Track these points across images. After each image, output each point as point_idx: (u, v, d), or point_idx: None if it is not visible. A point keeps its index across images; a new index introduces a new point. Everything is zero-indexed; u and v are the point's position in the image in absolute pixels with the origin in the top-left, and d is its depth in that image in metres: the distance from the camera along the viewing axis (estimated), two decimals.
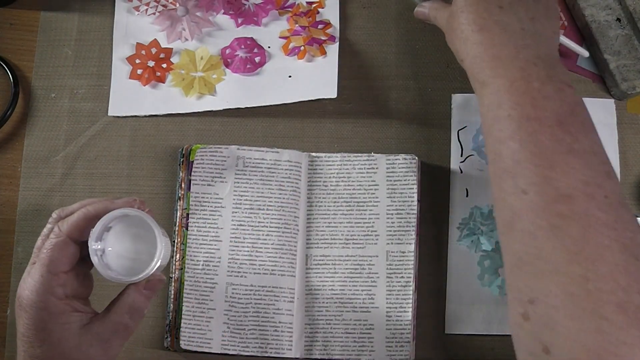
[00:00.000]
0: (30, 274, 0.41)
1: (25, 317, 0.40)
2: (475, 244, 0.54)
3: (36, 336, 0.40)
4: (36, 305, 0.40)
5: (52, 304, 0.40)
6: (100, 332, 0.42)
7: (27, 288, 0.40)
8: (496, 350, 0.53)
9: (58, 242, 0.41)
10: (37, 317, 0.40)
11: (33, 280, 0.40)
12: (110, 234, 0.43)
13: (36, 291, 0.40)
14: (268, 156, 0.55)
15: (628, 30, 0.56)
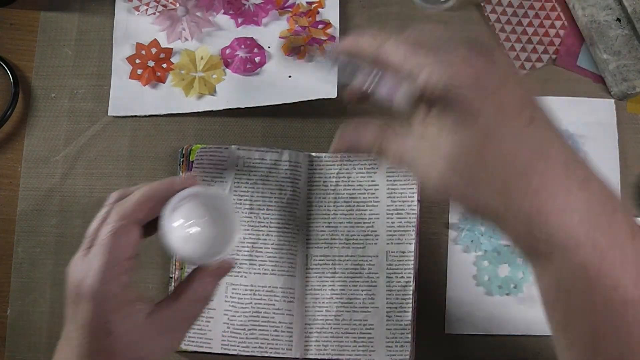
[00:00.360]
0: (89, 261, 0.36)
1: (88, 307, 0.36)
2: (475, 244, 0.54)
3: (101, 328, 0.36)
4: (102, 294, 0.36)
5: (118, 293, 0.36)
6: (167, 322, 0.38)
7: (90, 276, 0.36)
8: (496, 350, 0.53)
9: (121, 227, 0.37)
10: (102, 307, 0.36)
11: (96, 268, 0.36)
12: (180, 213, 0.39)
13: (100, 279, 0.36)
14: (268, 156, 0.55)
15: (628, 30, 0.56)
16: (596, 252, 0.29)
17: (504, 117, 0.31)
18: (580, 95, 0.57)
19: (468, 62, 0.31)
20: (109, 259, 0.36)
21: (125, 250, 0.37)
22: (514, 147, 0.30)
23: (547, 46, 0.58)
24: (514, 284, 0.53)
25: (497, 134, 0.30)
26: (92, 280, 0.36)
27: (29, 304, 0.55)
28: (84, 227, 0.56)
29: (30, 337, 0.54)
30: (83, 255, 0.37)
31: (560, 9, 0.58)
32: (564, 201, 0.30)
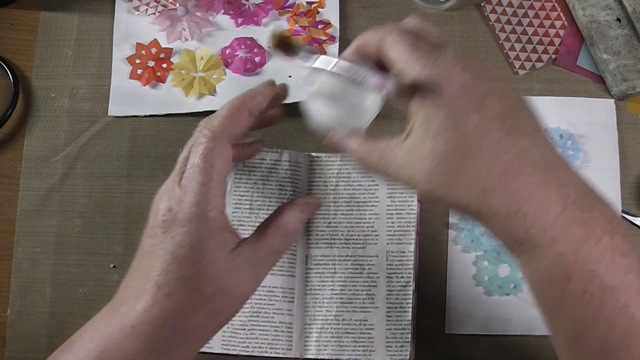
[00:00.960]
0: (184, 186, 0.35)
1: (182, 232, 0.34)
2: (475, 244, 0.54)
3: (191, 254, 0.35)
4: (198, 218, 0.35)
5: (213, 218, 0.35)
6: (252, 257, 0.37)
7: (187, 200, 0.35)
8: (496, 350, 0.53)
9: (214, 145, 0.36)
10: (196, 232, 0.34)
11: (193, 190, 0.35)
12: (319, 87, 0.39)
13: (197, 202, 0.35)
14: (268, 156, 0.55)
15: (628, 30, 0.56)
16: (571, 245, 0.31)
17: (488, 124, 0.33)
18: (580, 95, 0.57)
19: (460, 69, 0.33)
20: (205, 181, 0.35)
21: (220, 171, 0.36)
22: (497, 151, 0.33)
23: (547, 46, 0.58)
24: (513, 284, 0.53)
25: (482, 139, 0.33)
26: (189, 203, 0.35)
27: (29, 304, 0.55)
28: (84, 227, 0.56)
29: (30, 337, 0.54)
30: (175, 181, 0.36)
31: (560, 9, 0.58)
32: (542, 201, 0.32)
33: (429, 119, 0.34)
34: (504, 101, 0.34)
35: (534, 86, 0.57)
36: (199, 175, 0.35)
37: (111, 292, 0.55)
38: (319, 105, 0.40)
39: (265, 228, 0.38)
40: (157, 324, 0.34)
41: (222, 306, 0.36)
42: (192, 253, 0.35)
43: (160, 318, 0.34)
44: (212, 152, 0.36)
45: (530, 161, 0.33)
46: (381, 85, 0.36)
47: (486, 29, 0.59)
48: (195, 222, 0.35)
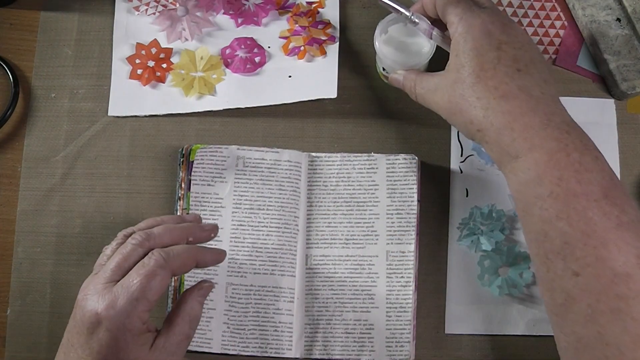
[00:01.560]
0: (116, 293, 0.39)
1: (106, 336, 0.38)
2: (475, 244, 0.54)
3: (114, 356, 0.39)
4: (123, 327, 0.38)
5: (137, 327, 0.39)
6: (167, 347, 0.41)
7: (114, 309, 0.38)
8: (496, 350, 0.53)
9: (161, 274, 0.40)
10: (119, 338, 0.38)
11: (123, 304, 0.39)
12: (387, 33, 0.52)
13: (126, 314, 0.39)
14: (268, 156, 0.55)
15: (628, 30, 0.56)
16: (545, 154, 0.38)
17: (502, 60, 0.41)
18: (580, 95, 0.57)
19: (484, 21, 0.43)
20: (139, 298, 0.39)
21: (155, 294, 0.40)
22: (502, 79, 0.41)
23: (547, 46, 0.58)
24: (514, 284, 0.53)
25: (494, 69, 0.41)
26: (115, 313, 0.38)
27: (29, 304, 0.55)
28: (84, 227, 0.56)
29: (30, 337, 0.54)
30: (105, 285, 0.40)
31: (560, 9, 0.58)
32: (528, 120, 0.40)
33: (458, 55, 0.43)
34: (520, 50, 0.42)
35: None
36: (137, 292, 0.39)
37: None
38: (387, 51, 0.52)
39: (174, 317, 0.42)
40: None
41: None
42: (116, 355, 0.39)
43: None
44: (156, 278, 0.40)
45: (528, 93, 0.41)
46: (430, 31, 0.48)
47: None
48: (121, 330, 0.38)
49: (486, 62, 0.42)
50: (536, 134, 0.39)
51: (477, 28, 0.43)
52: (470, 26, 0.43)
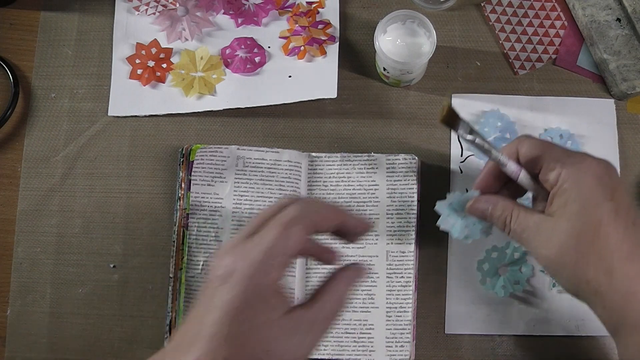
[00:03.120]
0: (251, 247, 0.36)
1: (238, 288, 0.35)
2: (475, 244, 0.54)
3: (242, 313, 0.35)
4: (255, 279, 0.35)
5: (270, 282, 0.36)
6: (306, 320, 0.37)
7: (248, 262, 0.36)
8: (496, 350, 0.53)
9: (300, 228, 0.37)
10: (250, 292, 0.35)
11: (256, 255, 0.36)
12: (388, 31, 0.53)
13: (258, 264, 0.36)
14: (268, 156, 0.55)
15: (628, 30, 0.56)
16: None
17: (619, 212, 0.38)
18: (580, 95, 0.57)
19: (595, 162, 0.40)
20: (272, 252, 0.36)
21: (291, 248, 0.37)
22: (622, 237, 0.38)
23: (547, 46, 0.58)
24: (516, 280, 0.53)
25: (611, 225, 0.38)
26: (248, 266, 0.36)
27: (29, 304, 0.55)
28: (84, 227, 0.56)
29: (30, 337, 0.54)
30: (245, 238, 0.37)
31: (560, 9, 0.58)
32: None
33: (567, 204, 0.39)
34: (626, 197, 0.39)
35: (534, 86, 0.57)
36: (271, 242, 0.36)
37: (111, 292, 0.55)
38: (387, 51, 0.51)
39: (318, 293, 0.39)
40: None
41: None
42: (242, 312, 0.35)
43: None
44: (292, 229, 0.37)
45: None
46: (517, 173, 0.43)
47: (486, 29, 0.59)
48: (254, 282, 0.35)
49: (605, 214, 0.38)
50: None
51: (587, 174, 0.39)
52: (579, 171, 0.39)
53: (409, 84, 0.57)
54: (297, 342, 0.37)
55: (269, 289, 0.36)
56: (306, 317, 0.37)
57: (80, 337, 0.54)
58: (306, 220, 0.37)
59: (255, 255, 0.36)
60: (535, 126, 0.56)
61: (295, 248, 0.37)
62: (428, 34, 0.52)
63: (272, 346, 0.36)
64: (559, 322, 0.53)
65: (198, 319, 0.36)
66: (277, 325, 0.36)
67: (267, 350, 0.35)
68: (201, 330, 0.35)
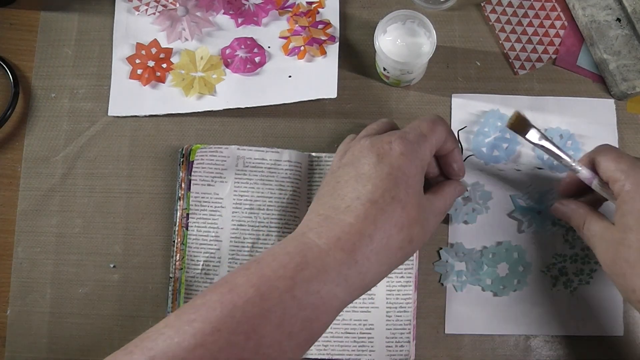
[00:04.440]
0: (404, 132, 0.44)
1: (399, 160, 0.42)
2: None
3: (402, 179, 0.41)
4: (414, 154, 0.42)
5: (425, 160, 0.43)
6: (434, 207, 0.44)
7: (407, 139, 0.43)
8: (496, 350, 0.53)
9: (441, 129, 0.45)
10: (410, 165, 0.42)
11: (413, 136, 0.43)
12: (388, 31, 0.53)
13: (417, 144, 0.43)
14: (268, 156, 0.55)
15: (628, 30, 0.56)
16: None
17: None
18: (580, 95, 0.57)
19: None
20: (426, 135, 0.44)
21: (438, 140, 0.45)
22: None
23: (547, 46, 0.58)
24: (517, 279, 0.53)
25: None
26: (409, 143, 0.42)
27: (29, 304, 0.55)
28: (84, 227, 0.56)
29: (30, 337, 0.54)
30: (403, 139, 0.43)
31: (560, 9, 0.58)
32: None
33: (624, 215, 0.42)
34: None
35: (534, 86, 0.57)
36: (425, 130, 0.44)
37: (111, 292, 0.55)
38: (387, 51, 0.52)
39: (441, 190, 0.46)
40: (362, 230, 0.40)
41: (416, 235, 0.42)
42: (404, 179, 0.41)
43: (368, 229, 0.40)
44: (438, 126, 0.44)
45: None
46: (591, 180, 0.46)
47: (486, 29, 0.59)
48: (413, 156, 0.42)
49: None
50: None
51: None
52: (638, 186, 0.42)
53: (409, 84, 0.57)
54: (431, 220, 0.44)
55: (423, 164, 0.43)
56: (435, 203, 0.45)
57: (80, 337, 0.54)
58: (443, 127, 0.45)
59: (414, 137, 0.43)
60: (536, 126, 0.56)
61: (439, 142, 0.44)
62: (428, 34, 0.52)
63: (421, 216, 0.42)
64: (559, 322, 0.53)
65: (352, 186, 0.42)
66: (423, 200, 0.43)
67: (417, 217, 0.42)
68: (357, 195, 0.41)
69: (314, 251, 0.39)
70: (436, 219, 0.44)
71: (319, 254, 0.38)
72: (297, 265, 0.38)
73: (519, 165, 0.55)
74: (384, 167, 0.41)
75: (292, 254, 0.39)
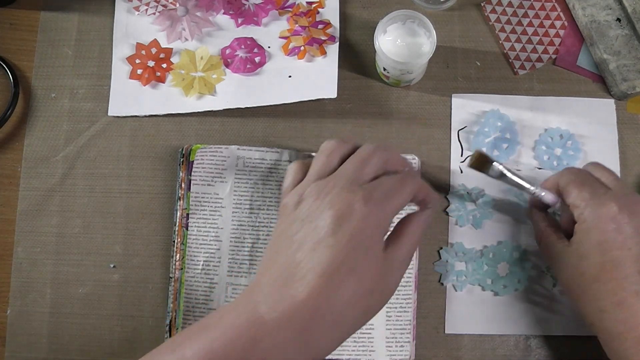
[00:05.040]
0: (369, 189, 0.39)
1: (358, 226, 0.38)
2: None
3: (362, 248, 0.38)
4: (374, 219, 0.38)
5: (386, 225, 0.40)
6: (395, 259, 0.40)
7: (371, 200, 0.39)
8: (496, 350, 0.53)
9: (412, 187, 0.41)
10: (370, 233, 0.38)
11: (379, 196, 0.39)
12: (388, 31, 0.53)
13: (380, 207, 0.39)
14: (268, 156, 0.55)
15: (628, 30, 0.56)
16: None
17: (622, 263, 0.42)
18: (580, 95, 0.57)
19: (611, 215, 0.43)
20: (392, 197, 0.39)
21: (405, 200, 0.41)
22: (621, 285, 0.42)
23: (547, 46, 0.58)
24: (518, 278, 0.53)
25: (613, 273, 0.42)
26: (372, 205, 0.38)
27: (29, 304, 0.55)
28: (84, 227, 0.56)
29: (30, 337, 0.54)
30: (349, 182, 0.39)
31: (560, 9, 0.58)
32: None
33: (580, 243, 0.44)
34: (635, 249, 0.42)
35: (534, 86, 0.57)
36: (392, 191, 0.40)
37: (111, 292, 0.55)
38: (387, 51, 0.52)
39: (398, 235, 0.41)
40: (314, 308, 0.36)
41: (374, 304, 0.39)
42: (364, 247, 0.38)
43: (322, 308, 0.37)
44: (408, 184, 0.41)
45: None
46: (554, 202, 0.48)
47: (486, 29, 0.59)
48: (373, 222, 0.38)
49: (608, 261, 0.42)
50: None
51: (603, 221, 0.43)
52: (597, 217, 0.43)
53: (409, 84, 0.57)
54: (393, 278, 0.40)
55: (384, 229, 0.39)
56: (397, 256, 0.40)
57: (80, 337, 0.54)
58: (415, 184, 0.41)
59: (378, 198, 0.39)
60: (536, 126, 0.56)
61: (406, 201, 0.41)
62: (428, 34, 0.52)
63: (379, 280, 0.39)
64: (559, 322, 0.53)
65: (307, 252, 0.38)
66: (381, 261, 0.39)
67: (376, 285, 0.38)
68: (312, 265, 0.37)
69: (265, 328, 0.36)
70: (401, 270, 0.41)
71: (270, 331, 0.36)
72: (246, 343, 0.36)
73: (519, 165, 0.55)
74: (344, 233, 0.37)
75: (242, 329, 0.37)
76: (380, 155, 0.42)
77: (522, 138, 0.56)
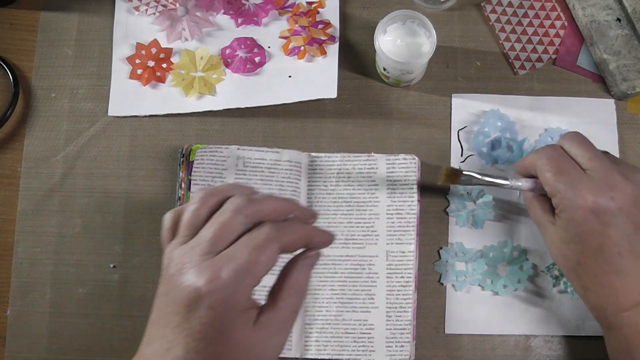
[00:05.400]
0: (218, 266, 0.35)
1: (208, 314, 0.34)
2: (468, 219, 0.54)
3: (217, 335, 0.35)
4: (227, 303, 0.35)
5: (242, 303, 0.36)
6: (273, 324, 0.37)
7: (218, 283, 0.35)
8: (496, 350, 0.53)
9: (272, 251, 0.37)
10: (222, 316, 0.35)
11: (228, 276, 0.35)
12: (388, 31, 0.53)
13: (231, 288, 0.35)
14: (268, 156, 0.55)
15: (628, 30, 0.56)
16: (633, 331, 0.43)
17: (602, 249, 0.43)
18: (580, 95, 0.57)
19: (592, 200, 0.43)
20: (245, 272, 0.35)
21: (263, 270, 0.36)
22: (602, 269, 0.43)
23: (547, 46, 0.58)
24: (518, 279, 0.53)
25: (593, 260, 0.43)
26: (220, 289, 0.35)
27: (29, 304, 0.55)
28: (84, 227, 0.56)
29: (30, 337, 0.54)
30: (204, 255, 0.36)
31: (560, 9, 0.58)
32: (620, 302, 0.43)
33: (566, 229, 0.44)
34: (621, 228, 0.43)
35: (534, 86, 0.57)
36: (244, 265, 0.35)
37: (111, 292, 0.55)
38: (387, 51, 0.52)
39: (278, 291, 0.38)
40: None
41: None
42: (217, 334, 0.35)
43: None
44: (265, 252, 0.36)
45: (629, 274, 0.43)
46: (532, 188, 0.48)
47: (486, 29, 0.59)
48: (226, 306, 0.35)
49: (588, 249, 0.44)
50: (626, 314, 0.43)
51: (580, 213, 0.43)
52: (573, 210, 0.44)
53: (409, 84, 0.57)
54: (273, 344, 0.37)
55: (241, 307, 0.36)
56: (275, 319, 0.37)
57: (80, 337, 0.54)
58: (277, 245, 0.37)
59: (226, 279, 0.35)
60: (536, 126, 0.56)
61: (265, 270, 0.36)
62: (428, 34, 0.52)
63: (250, 355, 0.36)
64: (559, 322, 0.53)
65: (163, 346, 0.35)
66: (251, 338, 0.36)
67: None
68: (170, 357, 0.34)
69: None
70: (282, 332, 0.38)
71: None
72: None
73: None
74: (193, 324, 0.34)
75: None
76: (247, 211, 0.37)
77: (522, 138, 0.56)
